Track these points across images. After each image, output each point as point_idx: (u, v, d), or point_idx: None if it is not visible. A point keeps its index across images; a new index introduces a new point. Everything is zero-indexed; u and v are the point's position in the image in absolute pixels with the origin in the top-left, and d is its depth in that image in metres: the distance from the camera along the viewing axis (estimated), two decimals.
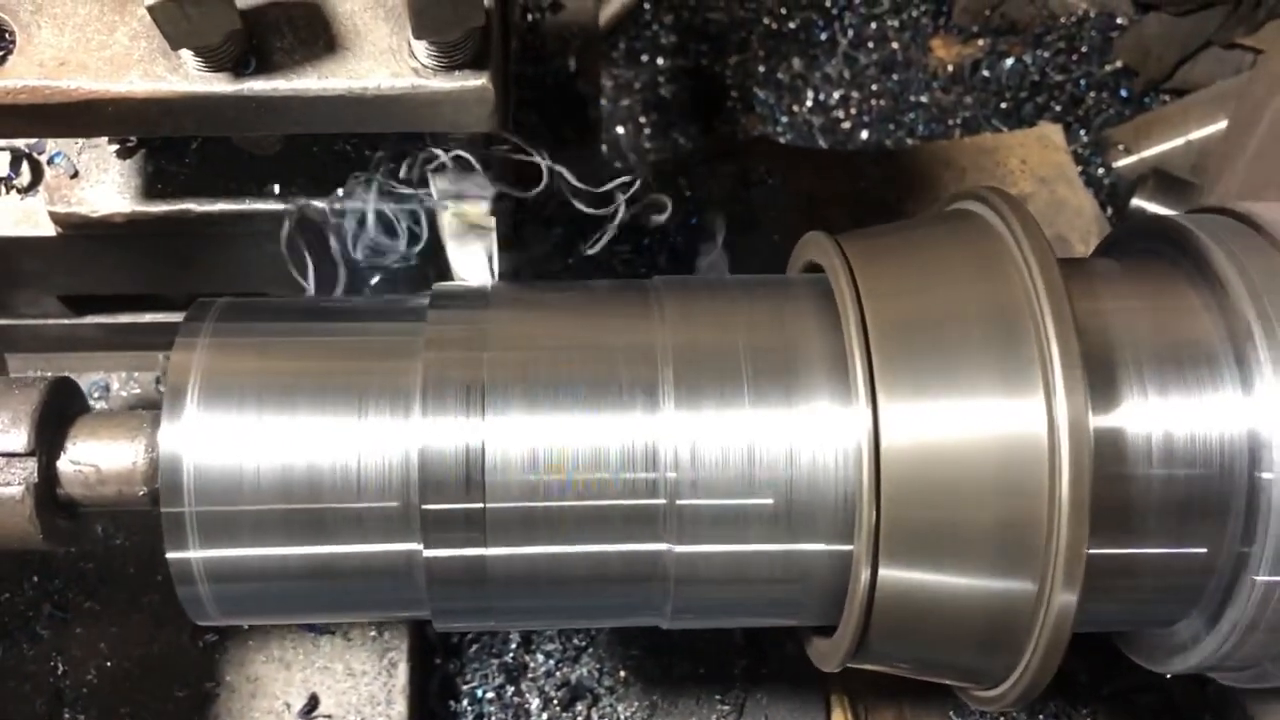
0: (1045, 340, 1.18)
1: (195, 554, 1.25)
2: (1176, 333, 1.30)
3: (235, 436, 1.24)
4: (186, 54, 1.26)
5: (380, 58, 1.30)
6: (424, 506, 1.24)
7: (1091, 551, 1.16)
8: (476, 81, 1.29)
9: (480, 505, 1.24)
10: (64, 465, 1.29)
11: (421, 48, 1.28)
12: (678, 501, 1.24)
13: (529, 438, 1.24)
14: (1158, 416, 1.26)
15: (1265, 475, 1.24)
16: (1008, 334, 1.21)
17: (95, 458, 1.29)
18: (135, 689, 1.74)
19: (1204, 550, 1.28)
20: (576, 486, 1.24)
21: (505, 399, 1.25)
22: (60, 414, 1.31)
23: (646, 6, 2.88)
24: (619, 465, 1.24)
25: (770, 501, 1.24)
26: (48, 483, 1.28)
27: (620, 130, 2.77)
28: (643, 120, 2.78)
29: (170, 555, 1.25)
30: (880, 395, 1.21)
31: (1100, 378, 1.25)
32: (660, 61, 2.86)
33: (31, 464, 1.26)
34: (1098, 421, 1.21)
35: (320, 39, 1.29)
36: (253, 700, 1.75)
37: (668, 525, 1.25)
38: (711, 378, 1.26)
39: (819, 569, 1.27)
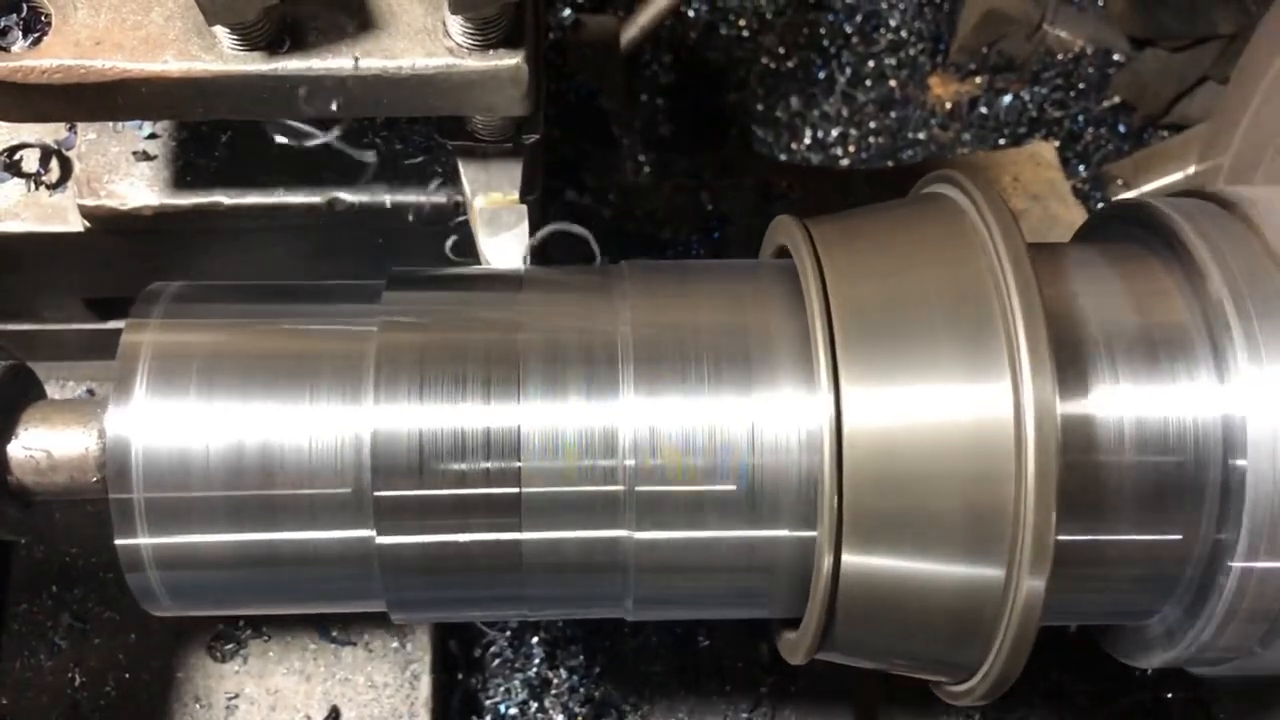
0: (1012, 324, 1.16)
1: (145, 541, 1.22)
2: (1149, 317, 1.28)
3: (185, 421, 1.21)
4: (221, 33, 1.27)
5: (415, 37, 1.30)
6: (376, 493, 1.20)
7: (1062, 539, 1.13)
8: (511, 60, 1.30)
9: (435, 492, 1.21)
10: (15, 451, 1.26)
11: (456, 26, 1.29)
12: (637, 488, 1.21)
13: (484, 423, 1.21)
14: (1129, 402, 1.23)
15: (1240, 462, 1.21)
16: (974, 317, 1.18)
17: (47, 444, 1.27)
18: (153, 702, 1.71)
19: (1179, 538, 1.25)
20: (532, 474, 1.21)
21: (460, 384, 1.22)
22: (13, 400, 1.28)
23: (645, 46, 2.90)
24: (576, 452, 1.21)
25: (732, 487, 1.21)
26: None
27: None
28: (642, 159, 2.79)
29: (119, 542, 1.22)
30: (843, 379, 1.18)
31: (1069, 362, 1.22)
32: (659, 101, 2.88)
33: None
34: (1067, 407, 1.19)
35: (355, 18, 1.30)
36: (272, 713, 1.71)
37: (627, 513, 1.22)
38: (673, 362, 1.23)
39: (783, 556, 1.24)
